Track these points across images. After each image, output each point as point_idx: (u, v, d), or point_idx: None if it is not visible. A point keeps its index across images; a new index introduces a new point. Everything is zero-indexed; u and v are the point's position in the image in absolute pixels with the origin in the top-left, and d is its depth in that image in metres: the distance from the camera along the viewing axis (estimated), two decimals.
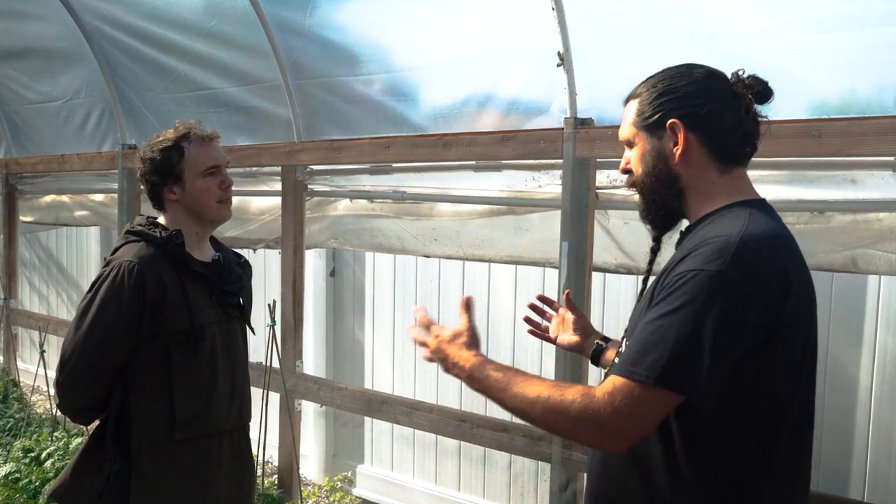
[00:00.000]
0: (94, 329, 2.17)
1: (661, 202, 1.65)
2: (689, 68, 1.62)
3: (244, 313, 2.51)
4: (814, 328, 1.57)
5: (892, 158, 2.50)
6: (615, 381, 1.45)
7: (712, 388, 1.41)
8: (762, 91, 1.60)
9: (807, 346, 1.54)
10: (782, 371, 1.49)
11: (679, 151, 1.58)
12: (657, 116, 1.60)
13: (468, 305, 1.81)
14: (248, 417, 2.52)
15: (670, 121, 1.58)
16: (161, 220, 2.39)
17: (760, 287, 1.43)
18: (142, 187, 2.41)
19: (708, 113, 1.56)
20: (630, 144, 1.68)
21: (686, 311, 1.41)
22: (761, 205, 1.59)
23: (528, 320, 2.24)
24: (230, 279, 2.42)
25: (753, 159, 2.63)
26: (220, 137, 2.41)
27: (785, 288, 1.45)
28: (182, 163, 2.29)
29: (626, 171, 1.72)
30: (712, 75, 1.61)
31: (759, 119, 1.61)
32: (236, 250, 2.59)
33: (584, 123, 3.07)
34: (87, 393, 2.25)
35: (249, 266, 2.59)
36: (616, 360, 1.69)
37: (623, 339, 1.72)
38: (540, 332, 2.22)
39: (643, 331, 1.46)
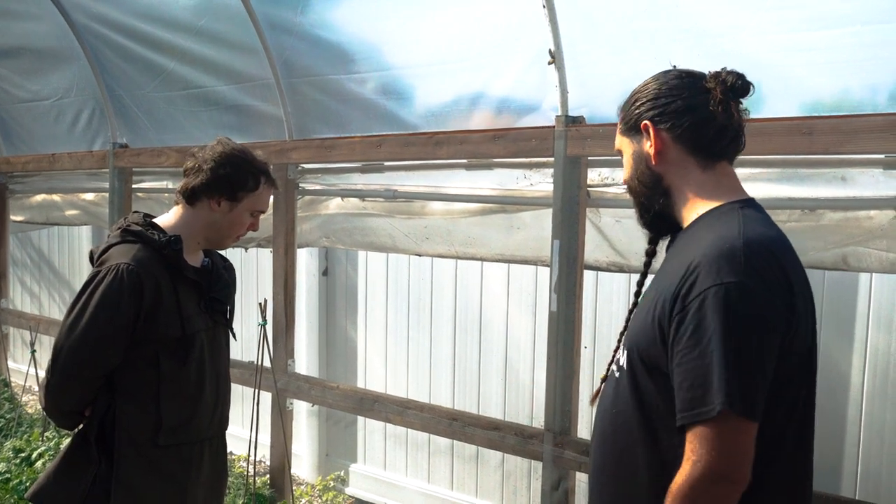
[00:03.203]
0: (88, 334, 2.12)
1: (648, 204, 1.67)
2: (665, 73, 1.66)
3: (230, 320, 2.49)
4: (814, 333, 1.56)
5: (882, 156, 2.50)
6: (691, 434, 1.42)
7: (763, 404, 1.41)
8: (736, 84, 1.59)
9: (812, 348, 1.54)
10: (789, 374, 1.48)
11: (654, 151, 1.61)
12: (633, 120, 1.65)
13: None
14: (227, 424, 2.52)
15: (643, 122, 1.62)
16: (168, 217, 2.34)
17: (776, 291, 1.43)
18: (191, 163, 2.33)
19: (676, 109, 1.59)
20: (621, 153, 1.73)
21: (723, 334, 1.38)
22: (751, 205, 1.59)
23: None
24: (218, 286, 2.40)
25: (744, 157, 2.64)
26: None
27: (790, 288, 1.45)
28: (250, 193, 2.32)
29: (625, 181, 1.75)
30: (684, 74, 1.63)
31: (735, 112, 1.60)
32: (221, 253, 2.57)
33: (576, 121, 3.06)
34: (77, 395, 2.21)
35: (234, 270, 2.58)
36: (612, 368, 1.67)
37: (619, 345, 1.69)
38: None
39: (692, 369, 1.41)
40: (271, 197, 2.44)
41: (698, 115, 1.58)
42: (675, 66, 1.68)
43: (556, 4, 2.97)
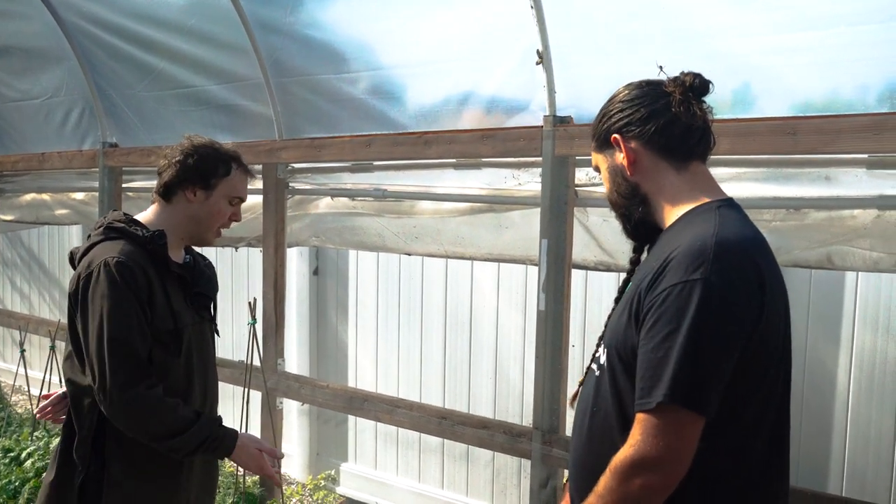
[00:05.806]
0: (117, 329, 2.09)
1: (628, 214, 1.71)
2: (627, 86, 1.69)
3: (214, 315, 2.49)
4: (788, 330, 1.59)
5: (865, 156, 2.52)
6: (636, 419, 1.47)
7: (717, 399, 1.44)
8: (694, 83, 1.63)
9: (784, 348, 1.56)
10: (759, 373, 1.50)
11: (626, 162, 1.65)
12: (603, 136, 1.69)
13: None
14: None
15: (612, 136, 1.66)
16: (147, 214, 2.34)
17: (743, 289, 1.45)
18: (163, 162, 2.35)
19: (641, 117, 1.63)
20: (598, 170, 1.76)
21: (681, 329, 1.42)
22: (729, 204, 1.61)
23: None
24: (201, 281, 2.41)
25: (730, 157, 2.67)
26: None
27: (761, 287, 1.47)
28: (222, 179, 2.33)
29: (607, 197, 1.78)
30: (644, 83, 1.67)
31: (698, 111, 1.62)
32: (200, 251, 2.57)
33: (563, 121, 3.08)
34: (139, 379, 2.13)
35: (213, 267, 2.59)
36: (592, 366, 1.70)
37: (598, 344, 1.71)
38: None
39: (647, 361, 1.46)
40: (248, 184, 2.44)
41: (662, 119, 1.61)
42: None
43: (545, 5, 2.98)
